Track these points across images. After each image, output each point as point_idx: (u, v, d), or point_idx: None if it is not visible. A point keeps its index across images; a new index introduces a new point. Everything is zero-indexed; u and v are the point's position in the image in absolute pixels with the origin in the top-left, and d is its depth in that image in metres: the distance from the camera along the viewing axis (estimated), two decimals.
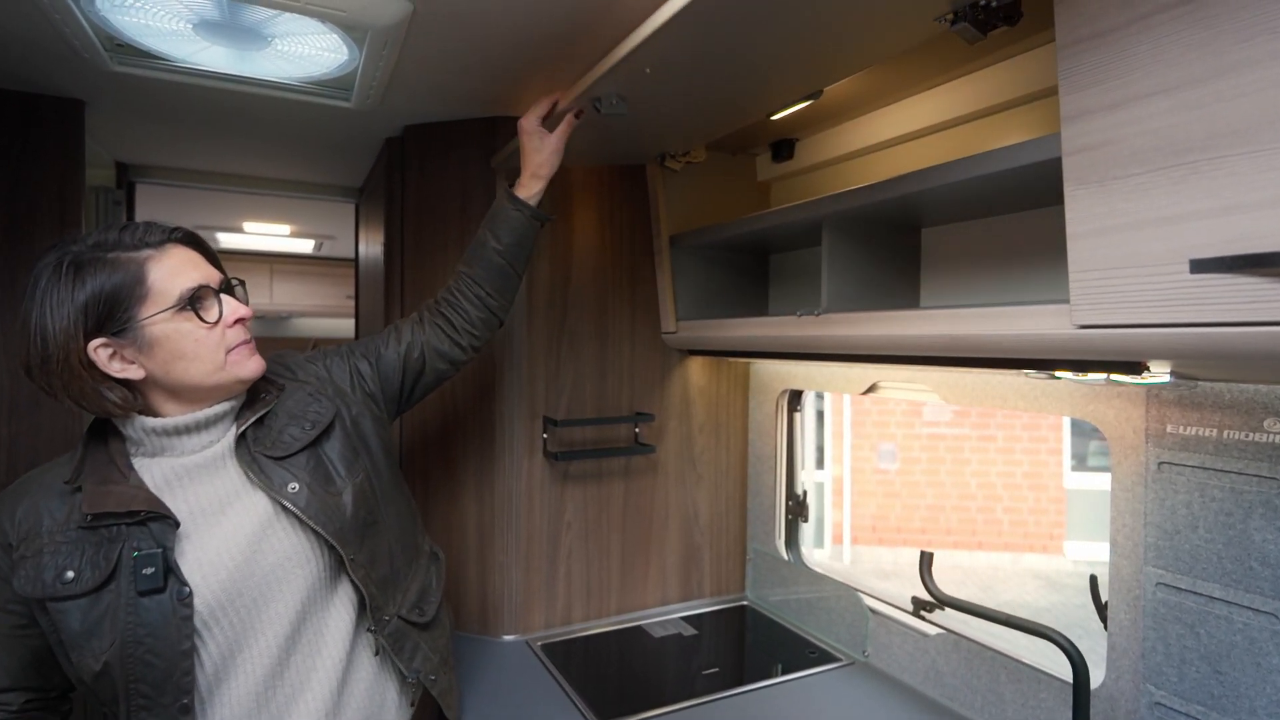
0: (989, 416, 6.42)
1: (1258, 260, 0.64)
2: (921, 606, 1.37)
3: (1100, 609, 1.11)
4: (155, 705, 0.86)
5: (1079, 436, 6.37)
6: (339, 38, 1.21)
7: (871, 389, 1.53)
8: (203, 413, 0.94)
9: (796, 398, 1.83)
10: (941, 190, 1.05)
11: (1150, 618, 1.01)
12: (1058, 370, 0.94)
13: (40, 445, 1.46)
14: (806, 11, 0.88)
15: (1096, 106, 0.75)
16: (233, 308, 0.95)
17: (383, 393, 1.16)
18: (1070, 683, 1.10)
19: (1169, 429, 0.99)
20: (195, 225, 3.02)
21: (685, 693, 1.41)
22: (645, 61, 0.97)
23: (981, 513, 6.47)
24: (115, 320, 0.86)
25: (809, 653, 1.58)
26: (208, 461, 0.94)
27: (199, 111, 1.61)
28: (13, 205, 1.45)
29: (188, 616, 0.87)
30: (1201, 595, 0.95)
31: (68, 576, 0.85)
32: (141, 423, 0.91)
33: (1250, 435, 0.90)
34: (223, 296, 0.94)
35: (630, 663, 1.55)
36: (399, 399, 1.20)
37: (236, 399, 0.98)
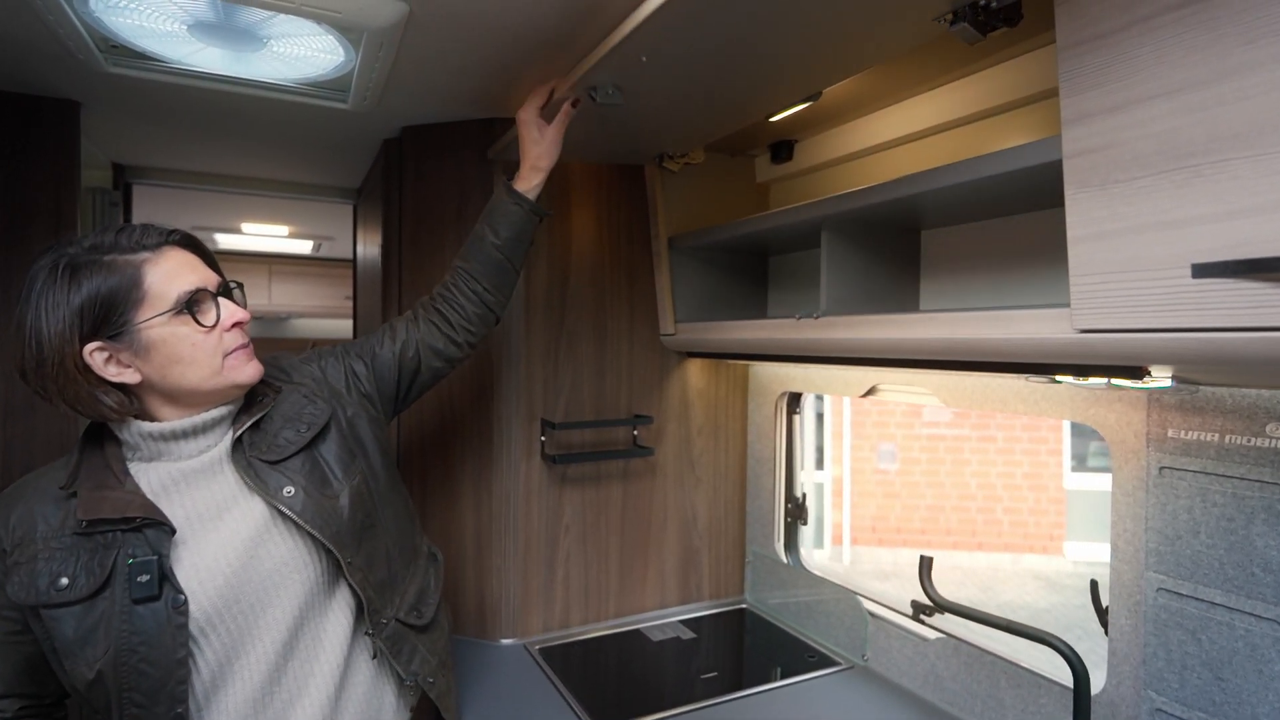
0: (989, 417, 6.41)
1: (1260, 265, 0.63)
2: (921, 610, 1.37)
3: (1101, 614, 1.10)
4: (149, 714, 0.85)
5: (1079, 437, 6.36)
6: (335, 39, 1.20)
7: (871, 391, 1.52)
8: (199, 417, 0.93)
9: (795, 400, 1.82)
10: (941, 192, 1.04)
11: (1151, 623, 1.01)
12: (1058, 374, 0.93)
13: (35, 449, 1.45)
14: (803, 7, 0.88)
15: (1097, 109, 0.75)
16: (230, 311, 0.94)
17: (379, 393, 1.16)
18: (1071, 688, 1.10)
19: (1170, 433, 0.98)
20: (193, 226, 3.01)
21: (684, 697, 1.40)
22: (640, 49, 0.97)
23: (981, 513, 6.46)
24: (111, 324, 0.85)
25: (808, 657, 1.57)
26: (204, 466, 0.94)
27: (195, 113, 1.60)
28: (8, 207, 1.45)
29: (182, 625, 0.86)
30: (1203, 601, 0.95)
31: (62, 583, 0.84)
32: (138, 427, 0.90)
33: (1252, 440, 0.90)
34: (220, 300, 0.93)
35: (628, 667, 1.54)
36: (395, 399, 1.19)
37: (233, 403, 0.97)
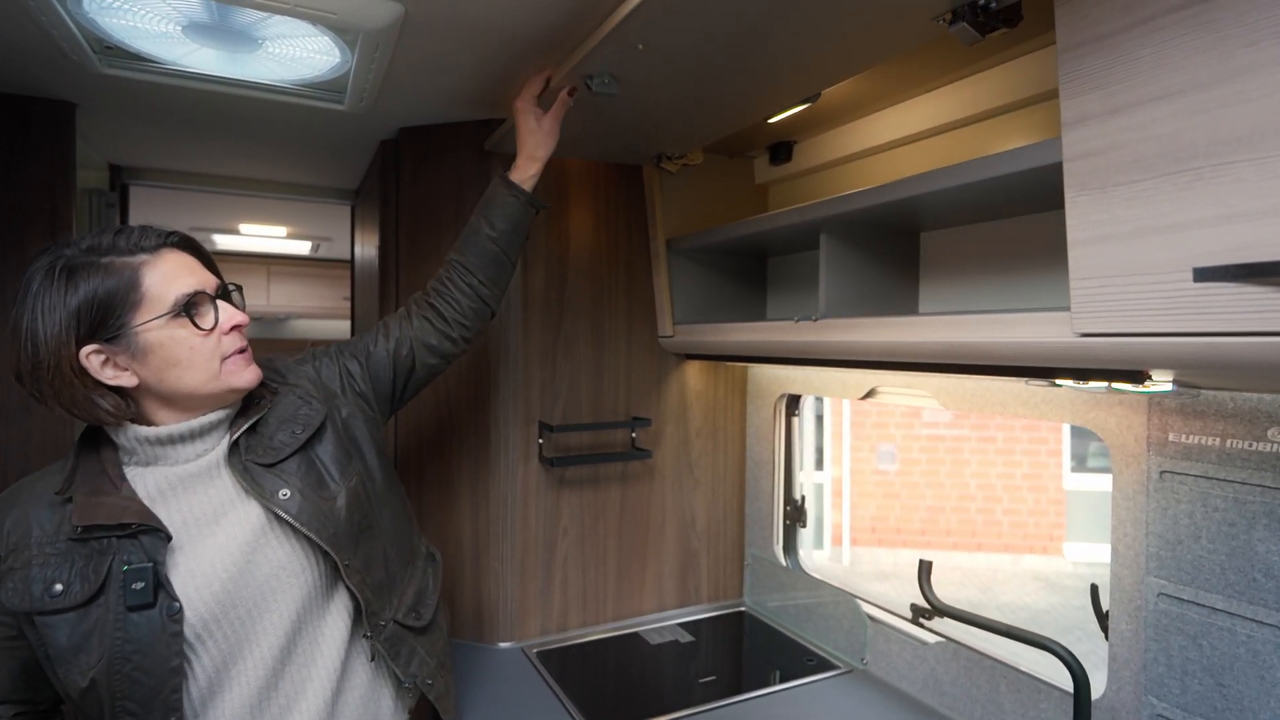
0: (989, 418, 6.40)
1: (1262, 269, 0.63)
2: (920, 614, 1.36)
3: (1101, 618, 1.10)
4: None
5: (1079, 438, 6.36)
6: (330, 40, 1.19)
7: (870, 394, 1.51)
8: (197, 421, 0.92)
9: (794, 402, 1.81)
10: (940, 195, 1.03)
11: (1152, 628, 1.00)
12: (1058, 378, 0.92)
13: (30, 452, 1.44)
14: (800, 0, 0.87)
15: (1098, 111, 0.74)
16: (229, 314, 0.93)
17: (374, 392, 1.15)
18: (1071, 693, 1.09)
19: (1171, 437, 0.97)
20: (190, 227, 3.00)
21: (682, 701, 1.40)
22: (636, 37, 0.96)
23: (981, 514, 6.46)
24: (108, 326, 0.84)
25: (807, 660, 1.56)
26: (201, 471, 0.93)
27: (192, 114, 1.60)
28: (3, 209, 1.44)
29: (177, 633, 0.85)
30: (1204, 607, 0.94)
31: (56, 589, 0.83)
32: (134, 431, 0.90)
33: (1254, 445, 0.89)
34: (219, 303, 0.92)
35: (627, 670, 1.54)
36: (391, 398, 1.18)
37: (231, 407, 0.96)
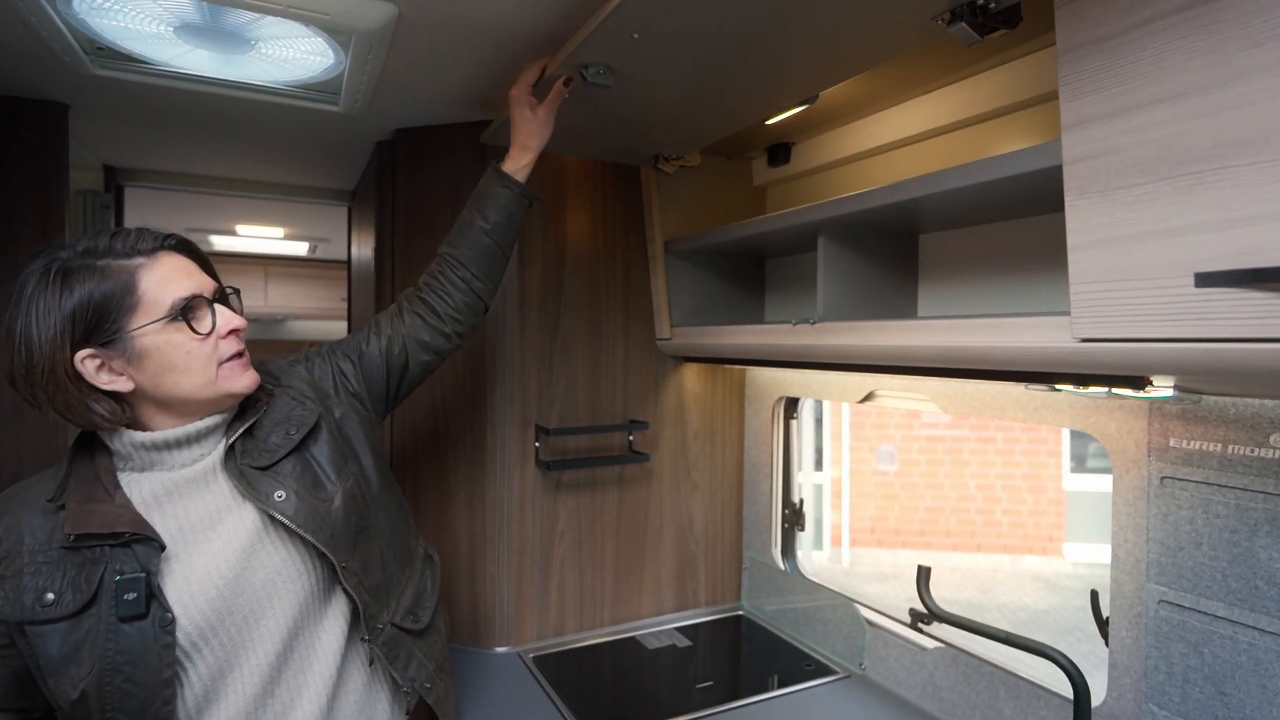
0: (988, 419, 6.38)
1: (1264, 274, 0.62)
2: (919, 619, 1.35)
3: (1101, 625, 1.09)
4: None
5: (1078, 439, 6.35)
6: (324, 41, 1.18)
7: (869, 397, 1.50)
8: (193, 426, 0.91)
9: (793, 405, 1.80)
10: (939, 197, 1.02)
11: (1153, 636, 0.99)
12: (1058, 383, 0.91)
13: (24, 457, 1.43)
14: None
15: (1098, 114, 0.73)
16: (226, 318, 0.92)
17: (368, 392, 1.13)
18: (1071, 700, 1.09)
19: (1172, 443, 0.96)
20: (187, 228, 2.99)
21: (679, 707, 1.39)
22: (631, 24, 0.94)
23: (980, 514, 6.45)
24: (104, 330, 0.83)
25: (805, 665, 1.55)
26: (197, 476, 0.92)
27: (186, 115, 1.59)
28: None
29: (169, 644, 0.84)
30: (1205, 614, 0.93)
31: (48, 599, 0.82)
32: (130, 437, 0.88)
33: (1255, 451, 0.88)
34: (216, 306, 0.91)
35: (624, 675, 1.53)
36: (386, 397, 1.17)
37: (227, 411, 0.96)
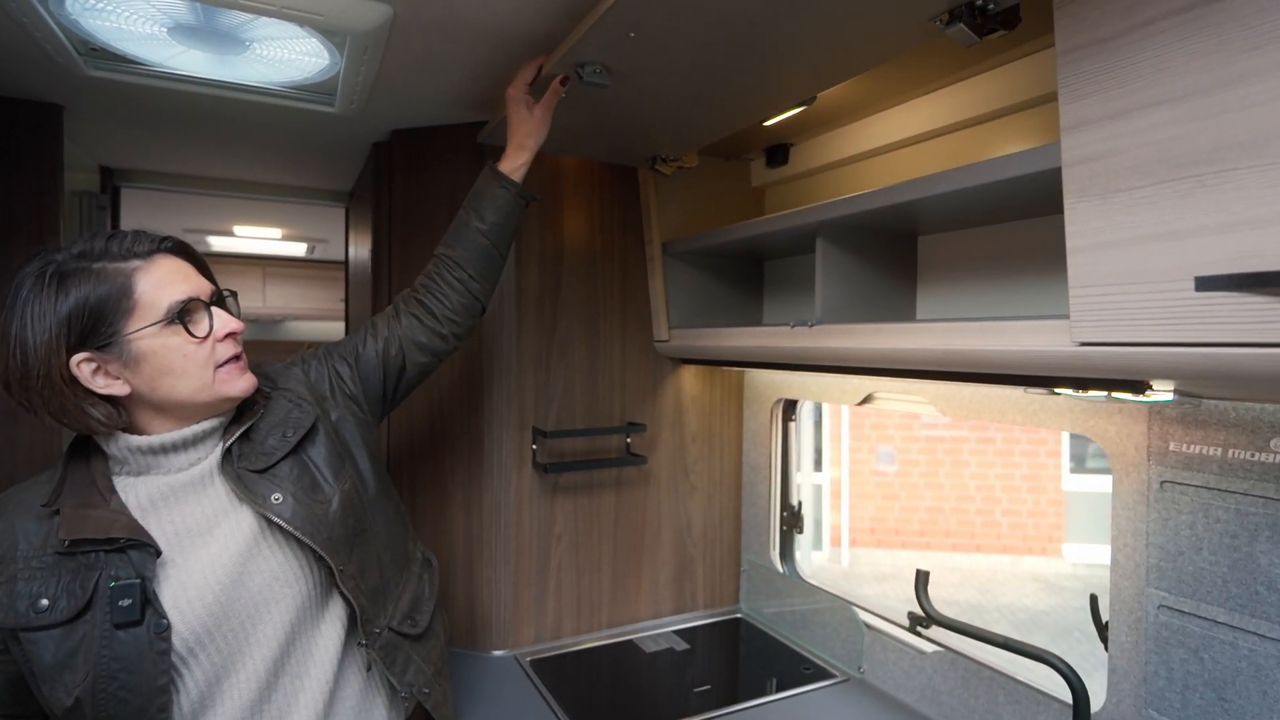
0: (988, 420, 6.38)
1: (1265, 279, 0.61)
2: (918, 622, 1.34)
3: (1100, 629, 1.08)
4: None
5: (1078, 439, 6.35)
6: (319, 42, 1.17)
7: (867, 400, 1.50)
8: (190, 430, 0.90)
9: (791, 407, 1.80)
10: (938, 199, 1.02)
11: (1152, 641, 0.98)
12: (1057, 387, 0.91)
13: (18, 460, 1.43)
14: None
15: (1097, 116, 0.73)
16: (223, 321, 0.91)
17: (364, 394, 1.13)
18: (1070, 704, 1.08)
19: (1172, 447, 0.96)
20: (184, 229, 2.98)
21: (677, 711, 1.38)
22: (627, 23, 0.94)
23: (980, 515, 6.45)
24: (100, 334, 0.82)
25: (803, 669, 1.55)
26: (194, 480, 0.91)
27: (183, 116, 1.58)
28: None
29: (165, 651, 0.83)
30: (1205, 619, 0.92)
31: (42, 605, 0.81)
32: (126, 441, 0.88)
33: (1256, 455, 0.87)
34: (213, 309, 0.91)
35: (621, 679, 1.52)
36: (383, 399, 1.16)
37: (224, 415, 0.95)
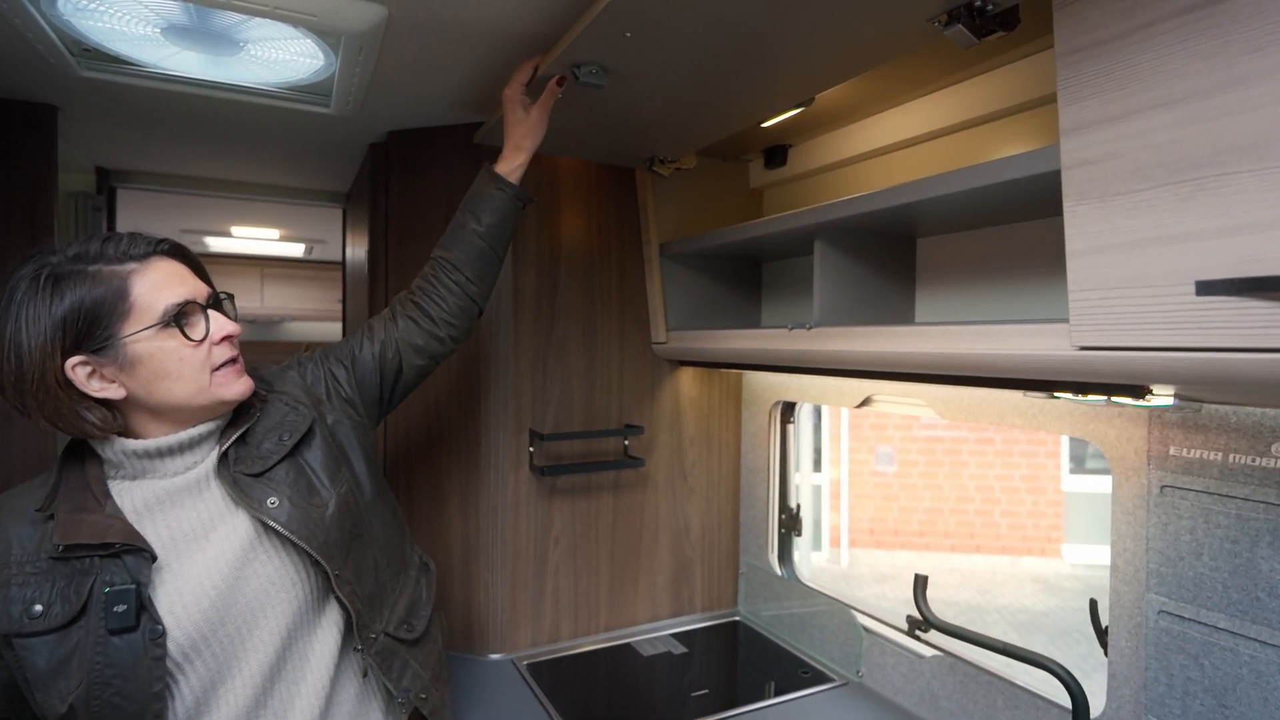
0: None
1: (1266, 284, 0.61)
2: (916, 626, 1.33)
3: (1100, 634, 1.07)
4: None
5: (1077, 439, 6.33)
6: (314, 43, 1.17)
7: (866, 402, 1.49)
8: (186, 433, 0.90)
9: (790, 409, 1.79)
10: (937, 201, 1.01)
11: (1152, 646, 0.98)
12: (1056, 391, 0.90)
13: (11, 465, 1.42)
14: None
15: (1097, 118, 0.72)
16: (220, 324, 0.90)
17: (361, 397, 1.12)
18: (1069, 710, 1.07)
19: (1172, 451, 0.95)
20: (181, 230, 2.97)
21: (674, 716, 1.37)
22: (623, 23, 0.93)
23: (979, 516, 6.44)
24: (95, 337, 0.82)
25: (802, 672, 1.54)
26: (190, 484, 0.90)
27: (178, 116, 1.57)
28: None
29: (160, 657, 0.82)
30: (1206, 625, 0.92)
31: (35, 610, 0.80)
32: (121, 445, 0.87)
33: (1257, 460, 0.87)
34: (210, 312, 0.90)
35: (618, 683, 1.51)
36: (379, 402, 1.15)
37: (220, 418, 0.94)
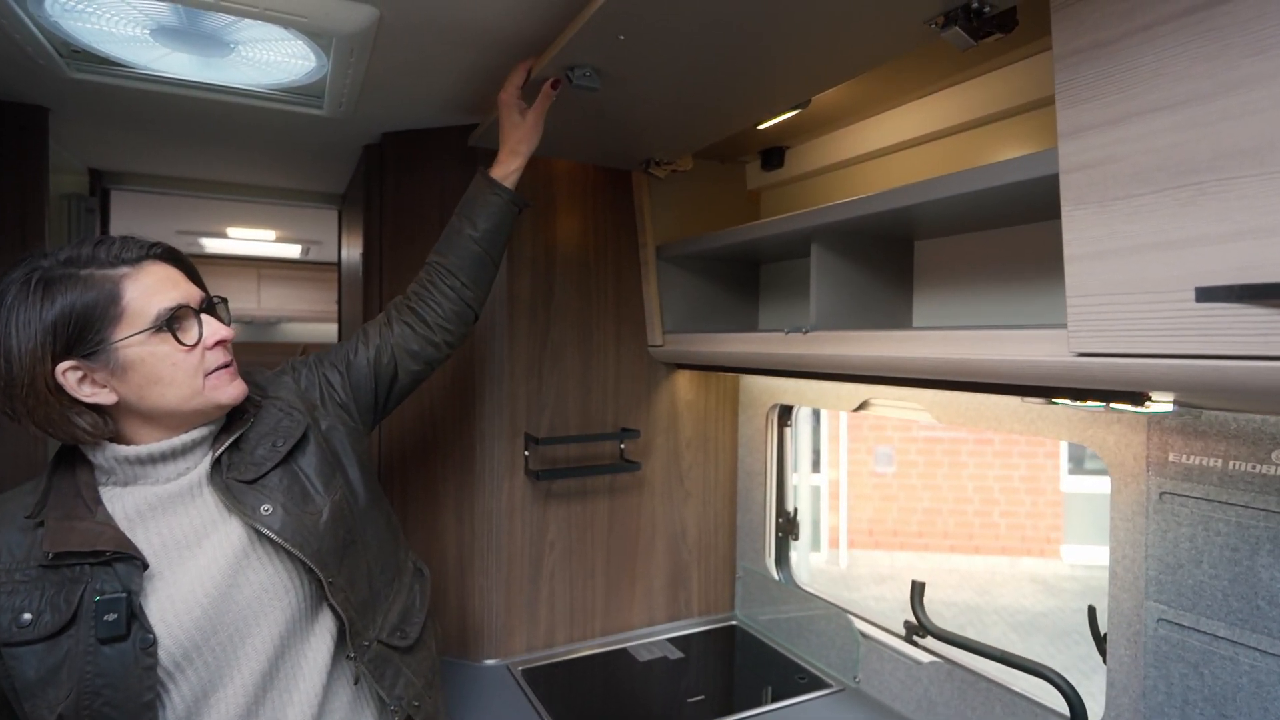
0: None
1: (1267, 290, 0.60)
2: (914, 632, 1.33)
3: (1099, 641, 1.06)
4: None
5: None
6: (305, 45, 1.16)
7: (863, 406, 1.48)
8: (179, 439, 0.89)
9: (787, 412, 1.78)
10: (934, 204, 1.00)
11: (1151, 655, 0.97)
12: (1055, 397, 0.89)
13: (2, 470, 1.40)
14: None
15: (1096, 122, 0.71)
16: (213, 329, 0.89)
17: (355, 403, 1.11)
18: (1068, 717, 1.06)
19: (1171, 457, 0.94)
20: (176, 231, 2.96)
21: None
22: (616, 26, 0.92)
23: (978, 516, 6.43)
24: (86, 342, 0.81)
25: (798, 678, 1.53)
26: (182, 490, 0.89)
27: (171, 118, 1.56)
28: None
29: (151, 666, 0.81)
30: (1206, 634, 0.91)
31: (24, 619, 0.79)
32: (113, 451, 0.86)
33: (1257, 467, 0.86)
34: (203, 317, 0.89)
35: (614, 689, 1.50)
36: (374, 407, 1.14)
37: (214, 423, 0.93)
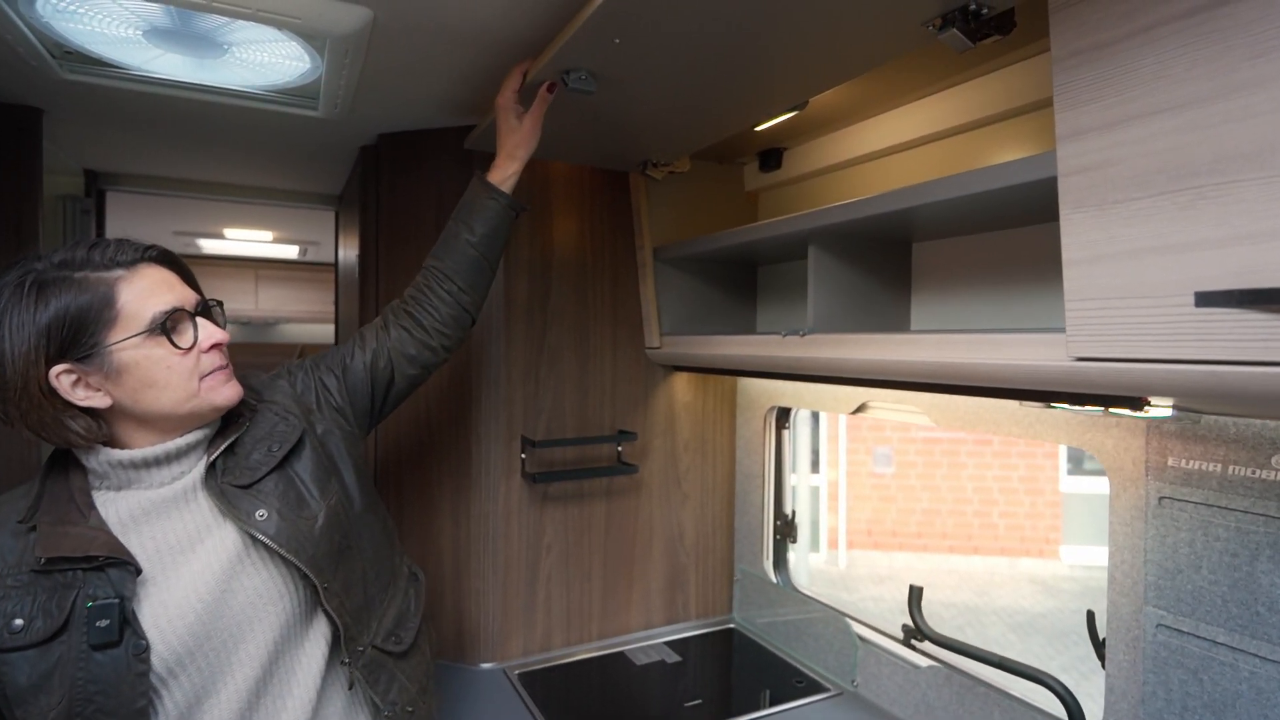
0: None
1: (1267, 295, 0.59)
2: (912, 635, 1.32)
3: (1098, 646, 1.06)
4: None
5: None
6: (299, 46, 1.15)
7: (861, 409, 1.47)
8: (173, 443, 0.88)
9: (785, 414, 1.77)
10: (932, 207, 0.99)
11: (1150, 660, 0.96)
12: (1053, 401, 0.88)
13: None
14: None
15: (1095, 125, 0.70)
16: (209, 332, 0.89)
17: (351, 407, 1.10)
18: None
19: (1170, 462, 0.93)
20: (173, 232, 2.95)
21: None
22: (611, 30, 0.91)
23: (977, 517, 6.43)
24: (80, 345, 0.80)
25: (796, 681, 1.52)
26: (176, 495, 0.88)
27: (166, 119, 1.55)
28: None
29: (144, 672, 0.81)
30: (1205, 640, 0.90)
31: (16, 625, 0.78)
32: (106, 455, 0.85)
33: (1257, 472, 0.85)
34: (199, 320, 0.89)
35: (611, 693, 1.49)
36: (370, 411, 1.14)
37: (209, 427, 0.92)
